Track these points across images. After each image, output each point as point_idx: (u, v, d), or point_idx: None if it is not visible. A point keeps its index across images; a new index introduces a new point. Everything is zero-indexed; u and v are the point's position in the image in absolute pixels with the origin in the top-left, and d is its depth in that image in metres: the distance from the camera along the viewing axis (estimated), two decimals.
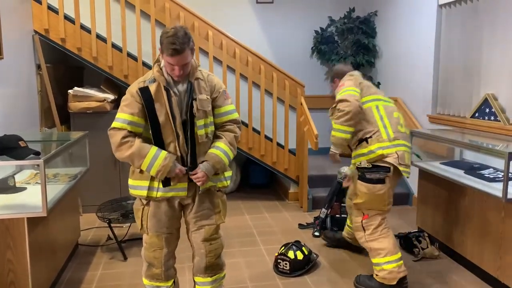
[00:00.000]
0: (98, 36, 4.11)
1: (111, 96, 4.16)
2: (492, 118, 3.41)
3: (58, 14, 4.00)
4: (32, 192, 2.69)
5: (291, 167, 4.62)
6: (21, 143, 2.41)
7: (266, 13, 5.36)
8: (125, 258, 3.24)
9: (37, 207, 2.33)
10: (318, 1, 5.45)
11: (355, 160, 2.83)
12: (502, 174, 2.74)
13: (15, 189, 2.72)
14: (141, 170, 2.14)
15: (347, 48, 5.21)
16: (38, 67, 3.99)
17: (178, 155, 2.12)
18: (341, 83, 2.89)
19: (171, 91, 2.09)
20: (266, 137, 4.54)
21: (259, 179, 5.27)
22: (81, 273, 3.04)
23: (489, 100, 3.42)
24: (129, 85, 4.52)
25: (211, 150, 2.16)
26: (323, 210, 3.75)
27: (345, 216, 3.44)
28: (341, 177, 3.60)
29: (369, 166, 2.71)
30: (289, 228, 3.88)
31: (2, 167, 2.87)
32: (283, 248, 3.10)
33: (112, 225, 3.27)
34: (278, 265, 3.04)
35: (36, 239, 2.41)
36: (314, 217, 3.91)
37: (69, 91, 4.08)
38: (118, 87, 4.48)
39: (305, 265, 3.03)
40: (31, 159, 2.35)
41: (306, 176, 4.37)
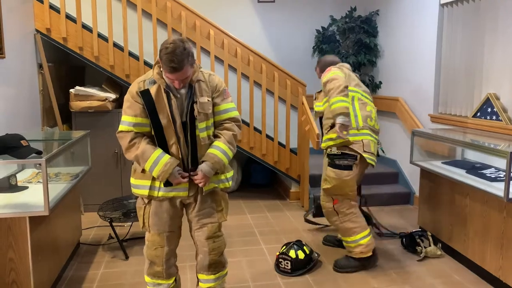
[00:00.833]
0: (100, 36, 4.11)
1: (112, 95, 4.17)
2: (494, 117, 3.40)
3: (60, 14, 4.01)
4: (34, 191, 2.69)
5: (293, 167, 4.62)
6: (23, 142, 2.41)
7: (267, 12, 5.36)
8: (126, 257, 3.25)
9: (39, 206, 2.34)
10: (320, 0, 5.45)
11: (324, 144, 2.99)
12: (504, 173, 2.74)
13: (17, 188, 2.73)
14: (143, 169, 2.16)
15: (349, 47, 5.20)
16: (40, 66, 4.00)
17: (180, 157, 2.13)
18: (328, 69, 3.00)
19: (171, 94, 2.09)
20: (268, 136, 4.54)
21: (260, 179, 5.27)
22: (82, 272, 3.04)
23: (491, 100, 3.41)
24: (130, 84, 4.53)
25: (210, 150, 2.17)
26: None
27: None
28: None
29: (338, 153, 2.90)
30: (291, 227, 3.88)
31: (4, 166, 2.88)
32: (284, 247, 3.10)
33: (114, 224, 3.28)
34: (279, 264, 3.04)
35: (38, 238, 2.41)
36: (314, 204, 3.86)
37: (71, 90, 4.09)
38: (119, 86, 4.49)
39: (306, 265, 3.04)
40: (33, 158, 2.36)
41: (307, 175, 4.37)
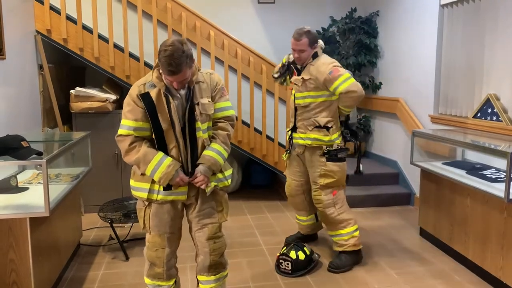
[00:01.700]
0: (100, 37, 4.11)
1: (113, 96, 4.17)
2: (494, 118, 3.40)
3: (60, 15, 4.01)
4: (35, 192, 2.69)
5: None
6: (24, 143, 2.42)
7: (267, 13, 5.36)
8: (127, 258, 3.25)
9: (39, 207, 2.34)
10: (320, 1, 5.45)
11: (311, 142, 3.06)
12: (504, 174, 2.74)
13: (17, 189, 2.73)
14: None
15: (349, 48, 5.20)
16: (40, 67, 4.00)
17: (180, 160, 2.13)
18: (337, 70, 2.95)
19: (170, 98, 2.08)
20: (268, 137, 4.54)
21: (260, 179, 5.27)
22: (83, 273, 3.04)
23: (491, 100, 3.41)
24: (131, 85, 4.52)
25: (205, 152, 2.16)
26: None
27: None
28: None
29: (338, 148, 3.07)
30: (291, 228, 3.87)
31: (4, 167, 2.88)
32: (284, 248, 3.10)
33: (114, 225, 3.28)
34: (280, 265, 3.04)
35: (39, 239, 2.41)
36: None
37: (71, 91, 4.09)
38: (120, 87, 4.49)
39: (307, 265, 3.03)
40: (33, 159, 2.36)
41: None
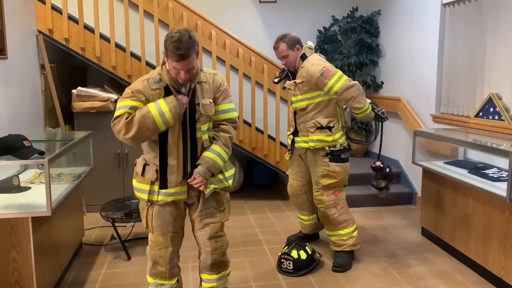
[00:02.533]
0: (102, 36, 4.12)
1: (114, 96, 4.17)
2: (496, 117, 3.39)
3: (62, 14, 4.01)
4: (37, 191, 2.69)
5: None
6: (26, 143, 2.42)
7: (269, 13, 5.36)
8: (128, 257, 3.25)
9: (41, 206, 2.34)
10: (321, 1, 5.44)
11: (314, 144, 3.04)
12: (506, 173, 2.73)
13: (19, 189, 2.73)
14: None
15: (350, 47, 5.20)
16: (42, 67, 4.00)
17: (181, 159, 2.12)
18: (328, 70, 2.91)
19: (174, 93, 2.07)
20: (269, 136, 4.54)
21: (262, 179, 5.27)
22: (85, 272, 3.05)
23: (493, 100, 3.41)
24: None
25: (206, 153, 2.16)
26: None
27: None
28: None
29: (341, 148, 3.06)
30: (292, 227, 3.87)
31: (6, 166, 2.88)
32: (286, 247, 3.10)
33: (116, 224, 3.28)
34: (281, 264, 3.04)
35: (41, 239, 2.42)
36: None
37: (73, 91, 4.10)
38: (121, 87, 4.49)
39: (308, 265, 3.03)
40: (35, 159, 2.37)
41: None
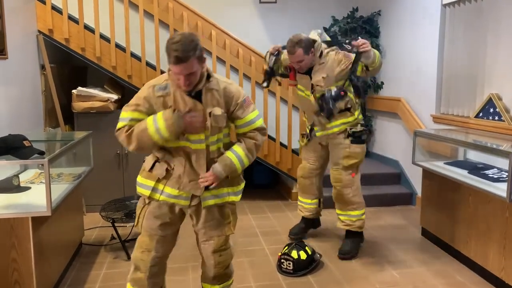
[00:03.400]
0: (102, 36, 4.12)
1: (114, 96, 4.17)
2: (496, 118, 3.39)
3: (62, 14, 4.01)
4: (37, 191, 2.69)
5: (295, 167, 4.59)
6: (26, 143, 2.42)
7: (269, 13, 5.36)
8: (128, 257, 3.24)
9: (41, 206, 2.34)
10: (322, 1, 5.45)
11: (339, 128, 3.16)
12: (506, 174, 2.73)
13: (19, 189, 2.73)
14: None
15: None
16: (42, 67, 4.00)
17: (184, 171, 2.04)
18: (340, 53, 3.10)
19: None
20: (270, 137, 4.54)
21: (262, 179, 5.26)
22: (85, 272, 3.05)
23: (493, 100, 3.41)
24: (133, 85, 4.53)
25: (226, 153, 2.09)
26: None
27: None
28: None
29: (361, 129, 3.16)
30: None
31: (6, 166, 2.88)
32: (286, 248, 3.09)
33: (116, 224, 3.28)
34: (281, 265, 3.04)
35: (41, 238, 2.42)
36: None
37: (73, 91, 4.10)
38: (121, 87, 4.50)
39: (308, 265, 3.03)
40: (35, 159, 2.37)
41: None
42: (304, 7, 5.42)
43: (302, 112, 3.58)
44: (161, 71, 4.22)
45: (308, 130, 3.41)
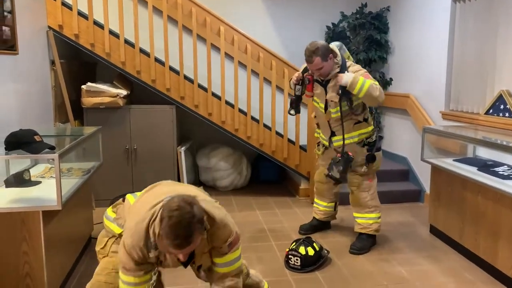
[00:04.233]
0: (111, 32, 4.14)
1: (123, 92, 4.20)
2: (507, 114, 3.36)
3: (71, 10, 4.04)
4: (47, 186, 2.73)
5: (302, 163, 4.62)
6: (37, 138, 2.44)
7: (277, 9, 5.34)
8: None
9: (51, 200, 2.37)
10: None
11: (358, 138, 3.21)
12: None
13: (30, 183, 2.77)
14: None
15: (359, 43, 5.16)
16: (52, 62, 4.04)
17: None
18: (361, 71, 3.05)
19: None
20: (277, 133, 4.54)
21: (270, 175, 5.27)
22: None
23: (504, 97, 3.37)
24: (141, 81, 4.52)
25: None
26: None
27: None
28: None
29: (377, 138, 3.26)
30: (300, 224, 3.87)
31: (18, 161, 2.92)
32: (294, 244, 3.10)
33: None
34: (289, 260, 3.04)
35: (51, 232, 2.45)
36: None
37: (82, 86, 4.13)
38: (130, 83, 4.52)
39: (316, 261, 3.04)
40: (46, 153, 2.39)
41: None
42: (313, 3, 5.39)
43: (316, 124, 3.47)
44: (170, 67, 4.24)
45: (324, 141, 3.39)
